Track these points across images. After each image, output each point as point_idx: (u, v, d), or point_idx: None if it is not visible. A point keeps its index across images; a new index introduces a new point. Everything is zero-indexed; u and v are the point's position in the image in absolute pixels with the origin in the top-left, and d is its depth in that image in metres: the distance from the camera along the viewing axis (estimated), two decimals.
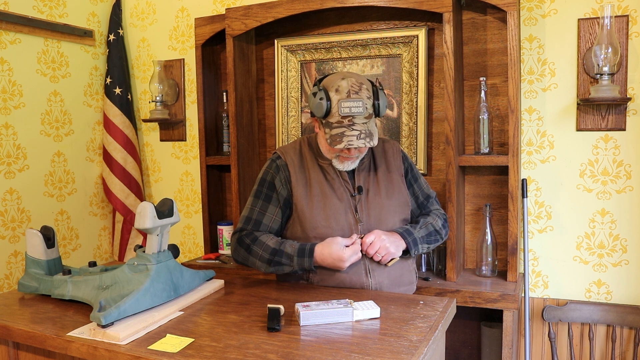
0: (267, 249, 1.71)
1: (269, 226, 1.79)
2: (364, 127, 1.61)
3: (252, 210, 1.80)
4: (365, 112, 1.62)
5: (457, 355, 2.46)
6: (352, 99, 1.61)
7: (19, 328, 1.45)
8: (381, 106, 1.66)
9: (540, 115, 2.28)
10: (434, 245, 1.84)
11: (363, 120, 1.62)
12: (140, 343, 1.32)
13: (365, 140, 1.60)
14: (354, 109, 1.61)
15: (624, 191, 2.19)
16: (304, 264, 1.68)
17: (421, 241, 1.77)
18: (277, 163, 1.81)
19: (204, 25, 2.59)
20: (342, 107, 1.61)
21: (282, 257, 1.69)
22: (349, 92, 1.62)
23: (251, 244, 1.74)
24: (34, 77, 2.67)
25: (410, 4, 2.13)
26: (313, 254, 1.67)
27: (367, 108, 1.63)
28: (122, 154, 2.93)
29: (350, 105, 1.61)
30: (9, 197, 2.57)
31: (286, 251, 1.69)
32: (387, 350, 1.23)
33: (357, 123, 1.61)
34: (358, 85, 1.64)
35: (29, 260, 1.72)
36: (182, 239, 3.06)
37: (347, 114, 1.61)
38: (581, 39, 2.19)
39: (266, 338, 1.33)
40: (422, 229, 1.80)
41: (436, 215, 1.88)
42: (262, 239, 1.74)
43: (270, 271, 1.73)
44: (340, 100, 1.61)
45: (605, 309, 2.20)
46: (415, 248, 1.74)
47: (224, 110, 2.71)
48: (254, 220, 1.79)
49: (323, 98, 1.63)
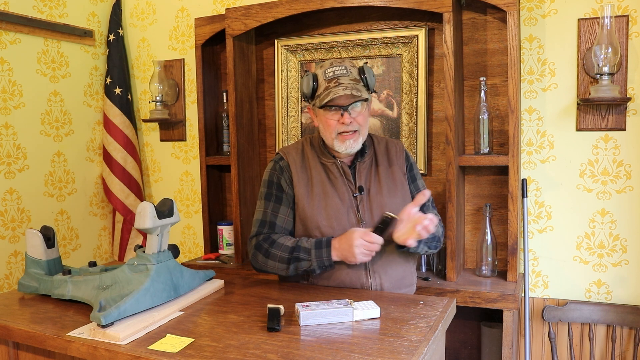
0: (285, 249, 1.70)
1: (282, 227, 1.78)
2: (350, 84, 1.67)
3: (265, 213, 1.79)
4: (349, 75, 1.70)
5: (457, 355, 2.46)
6: (335, 65, 1.72)
7: (19, 328, 1.45)
8: (368, 79, 1.72)
9: (540, 115, 2.28)
10: (431, 251, 1.83)
11: (349, 81, 1.68)
12: (140, 343, 1.32)
13: (353, 91, 1.65)
14: (337, 72, 1.70)
15: (624, 191, 2.19)
16: (322, 255, 1.66)
17: (425, 243, 1.74)
18: (280, 164, 1.81)
19: (204, 25, 2.60)
20: (327, 73, 1.71)
21: (300, 252, 1.68)
22: (331, 63, 1.74)
23: (270, 247, 1.73)
24: (34, 77, 2.67)
25: (410, 4, 2.13)
26: (330, 244, 1.66)
27: (352, 73, 1.71)
28: (122, 154, 2.93)
29: (333, 69, 1.71)
30: (9, 197, 2.57)
31: (303, 246, 1.68)
32: (387, 350, 1.23)
33: (342, 83, 1.68)
34: (340, 59, 1.76)
35: (29, 260, 1.72)
36: (182, 239, 3.06)
37: (331, 77, 1.70)
38: (581, 39, 2.19)
39: (266, 338, 1.33)
40: None
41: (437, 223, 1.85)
42: (279, 241, 1.73)
43: (291, 272, 1.71)
44: (325, 69, 1.72)
45: (605, 309, 2.20)
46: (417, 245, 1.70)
47: (224, 110, 2.71)
48: (269, 222, 1.78)
49: (309, 75, 1.74)
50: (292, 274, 1.72)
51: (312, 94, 1.74)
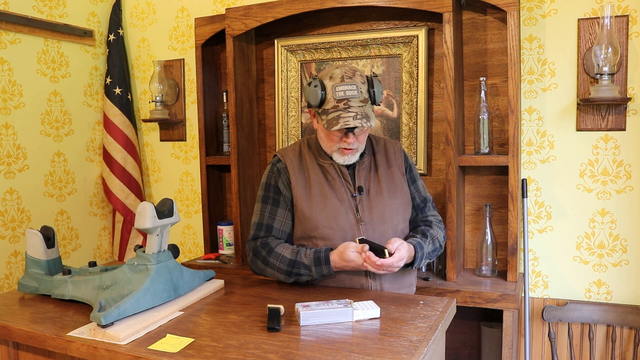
0: (283, 260, 1.70)
1: (280, 230, 1.78)
2: (359, 110, 1.63)
3: (262, 216, 1.79)
4: (360, 96, 1.65)
5: (457, 355, 2.46)
6: (346, 82, 1.64)
7: (19, 328, 1.45)
8: (376, 93, 1.68)
9: (540, 115, 2.28)
10: (431, 259, 1.84)
11: (359, 104, 1.64)
12: (140, 343, 1.32)
13: (362, 120, 1.61)
14: (349, 92, 1.64)
15: (624, 191, 2.19)
16: (323, 272, 1.67)
17: (426, 256, 1.75)
18: (277, 166, 1.82)
19: (204, 25, 2.60)
20: (337, 91, 1.64)
21: (300, 268, 1.68)
22: (342, 77, 1.65)
23: (267, 255, 1.72)
24: (34, 77, 2.67)
25: (410, 4, 2.13)
26: (329, 261, 1.65)
27: (362, 92, 1.66)
28: (122, 154, 2.93)
29: (344, 88, 1.64)
30: (9, 197, 2.57)
31: (303, 262, 1.67)
32: (387, 350, 1.23)
33: (352, 106, 1.63)
34: (352, 72, 1.68)
35: (29, 260, 1.72)
36: (182, 239, 3.06)
37: (342, 98, 1.64)
38: (581, 39, 2.19)
39: (266, 338, 1.33)
40: (430, 244, 1.77)
41: (438, 227, 1.85)
42: (277, 250, 1.72)
43: (291, 281, 1.72)
44: (335, 85, 1.65)
45: (605, 309, 2.20)
46: (418, 262, 1.72)
47: (224, 110, 2.71)
48: (265, 225, 1.78)
49: (317, 86, 1.66)
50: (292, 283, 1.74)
51: (319, 105, 1.68)
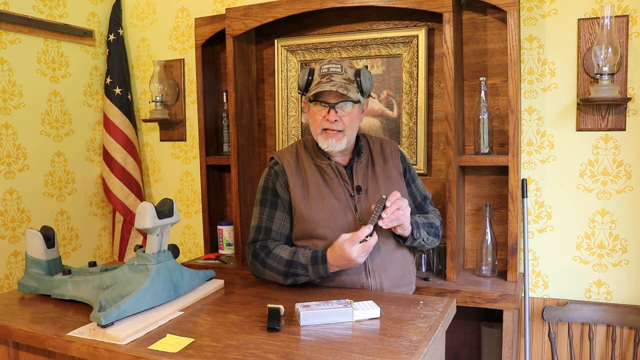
0: (281, 261, 1.70)
1: (279, 232, 1.79)
2: (340, 82, 1.68)
3: (261, 219, 1.80)
4: (344, 74, 1.71)
5: (457, 355, 2.46)
6: (332, 63, 1.74)
7: (19, 328, 1.45)
8: (363, 81, 1.72)
9: (540, 115, 2.28)
10: (432, 238, 1.82)
11: (341, 80, 1.69)
12: (140, 343, 1.32)
13: (340, 89, 1.65)
14: (332, 69, 1.72)
15: (624, 191, 2.19)
16: (319, 272, 1.66)
17: (422, 226, 1.76)
18: (274, 169, 1.83)
19: (204, 25, 2.59)
20: (322, 69, 1.73)
21: (297, 268, 1.68)
22: (330, 60, 1.76)
23: (266, 257, 1.73)
24: (34, 77, 2.67)
25: (410, 4, 2.13)
26: (326, 260, 1.65)
27: (347, 72, 1.72)
28: (122, 154, 2.93)
29: (328, 66, 1.73)
30: (9, 197, 2.57)
31: (300, 262, 1.67)
32: (387, 350, 1.23)
33: (333, 80, 1.69)
34: (341, 59, 1.78)
35: (29, 260, 1.72)
36: (182, 239, 3.06)
37: (325, 73, 1.72)
38: (581, 39, 2.19)
39: (266, 338, 1.33)
40: (422, 218, 1.82)
41: (434, 215, 1.90)
42: (275, 251, 1.73)
43: (289, 283, 1.71)
44: (321, 65, 1.75)
45: (605, 309, 2.20)
46: (417, 231, 1.72)
47: (224, 110, 2.71)
48: (264, 228, 1.79)
49: (306, 69, 1.77)
50: (290, 284, 1.73)
51: (306, 87, 1.76)
